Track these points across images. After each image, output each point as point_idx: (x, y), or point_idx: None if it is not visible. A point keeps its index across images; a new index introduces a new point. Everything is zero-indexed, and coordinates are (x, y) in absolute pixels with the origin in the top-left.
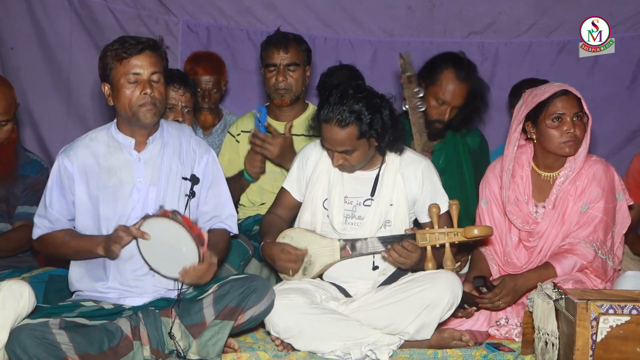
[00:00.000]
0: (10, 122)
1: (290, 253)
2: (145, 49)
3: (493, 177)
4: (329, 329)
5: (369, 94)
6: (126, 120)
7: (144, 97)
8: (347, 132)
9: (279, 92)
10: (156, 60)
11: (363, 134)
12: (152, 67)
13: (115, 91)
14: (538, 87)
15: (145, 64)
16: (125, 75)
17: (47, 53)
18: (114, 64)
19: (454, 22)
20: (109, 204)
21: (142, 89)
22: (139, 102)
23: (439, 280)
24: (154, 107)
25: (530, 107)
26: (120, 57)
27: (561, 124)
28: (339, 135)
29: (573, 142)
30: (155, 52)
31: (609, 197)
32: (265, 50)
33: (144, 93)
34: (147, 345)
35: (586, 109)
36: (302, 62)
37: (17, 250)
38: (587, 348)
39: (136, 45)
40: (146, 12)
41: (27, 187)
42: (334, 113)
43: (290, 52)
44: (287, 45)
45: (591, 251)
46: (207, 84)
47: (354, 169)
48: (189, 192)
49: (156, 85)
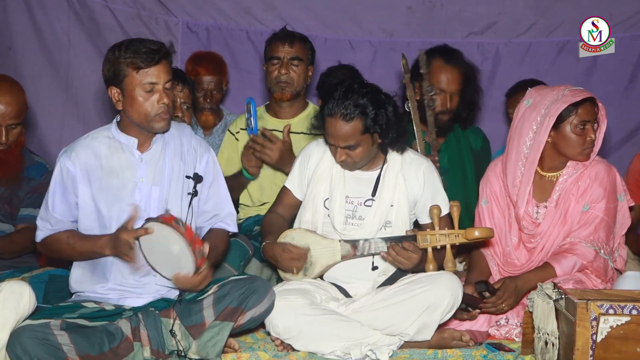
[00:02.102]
0: (20, 126)
1: (292, 251)
2: (161, 59)
3: (494, 176)
4: (329, 329)
5: (374, 89)
6: (136, 125)
7: (160, 106)
8: (352, 126)
9: (280, 84)
10: (169, 69)
11: (367, 128)
12: (167, 76)
13: (128, 98)
14: (556, 89)
15: (162, 74)
16: (141, 85)
17: (46, 53)
18: (129, 71)
19: (454, 22)
20: (112, 204)
21: (159, 99)
22: (155, 111)
23: (439, 281)
24: (168, 115)
25: (559, 112)
26: (137, 67)
27: (584, 131)
28: (343, 129)
29: (591, 149)
30: (169, 61)
31: (610, 198)
32: (270, 44)
33: (162, 103)
34: (147, 346)
35: (603, 114)
36: (305, 59)
37: (20, 253)
38: (587, 348)
39: (153, 55)
40: (146, 12)
41: (31, 189)
42: (339, 107)
43: (295, 47)
44: (293, 40)
45: (592, 251)
46: (209, 84)
47: (356, 166)
48: (191, 191)
49: (169, 92)
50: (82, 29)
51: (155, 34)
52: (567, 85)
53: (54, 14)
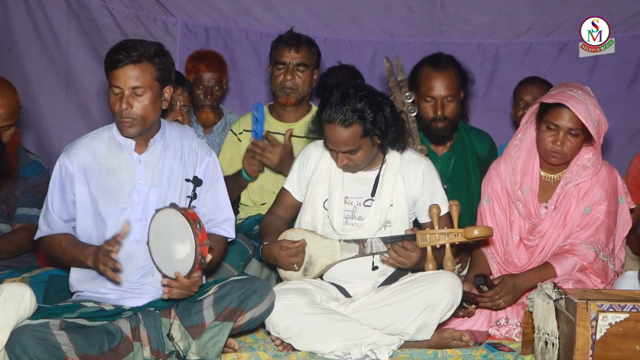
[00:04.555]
0: (13, 126)
1: (289, 248)
2: (130, 64)
3: (496, 175)
4: (328, 329)
5: (370, 92)
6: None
7: (120, 110)
8: (351, 132)
9: (285, 90)
10: (140, 74)
11: (367, 132)
12: (134, 81)
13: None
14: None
15: (128, 79)
16: (111, 87)
17: (46, 53)
18: (106, 72)
19: (454, 22)
20: (109, 204)
21: (120, 103)
22: (118, 115)
23: (439, 280)
24: (130, 121)
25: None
26: (108, 66)
27: (554, 134)
28: (343, 135)
29: (558, 155)
30: (142, 65)
31: (611, 200)
32: (276, 48)
33: (119, 107)
34: (147, 345)
35: (592, 130)
36: (311, 64)
37: (17, 252)
38: (587, 348)
39: (122, 59)
40: (144, 13)
41: (28, 188)
42: (337, 113)
43: (301, 53)
44: (299, 45)
45: (592, 252)
46: (209, 81)
47: (357, 169)
48: (190, 194)
49: (139, 99)
50: (81, 30)
51: (153, 35)
52: (566, 84)
53: (53, 15)
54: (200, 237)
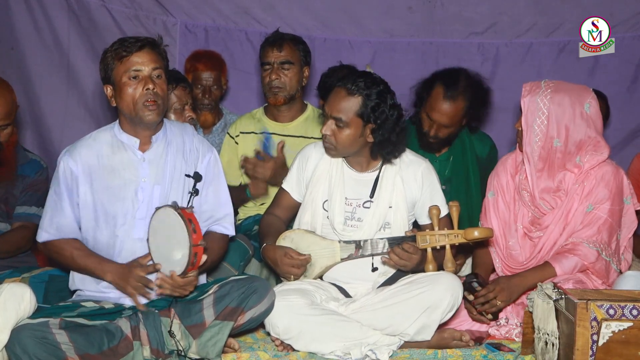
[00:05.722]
0: (10, 126)
1: (293, 258)
2: (144, 46)
3: (503, 170)
4: (328, 329)
5: (390, 90)
6: (129, 121)
7: (146, 93)
8: (350, 102)
9: (273, 90)
10: (156, 57)
11: (363, 114)
12: (152, 64)
13: (117, 91)
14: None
15: (146, 60)
16: (127, 73)
17: (47, 53)
18: (115, 63)
19: (454, 22)
20: (114, 203)
21: (144, 85)
22: (141, 99)
23: (439, 282)
24: (155, 104)
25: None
26: (120, 56)
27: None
28: (342, 100)
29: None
30: (155, 50)
31: (615, 200)
32: (262, 49)
33: (146, 89)
34: (147, 345)
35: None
36: (297, 62)
37: (16, 252)
38: (587, 348)
39: (135, 43)
40: (144, 13)
41: (26, 187)
42: (350, 81)
43: (284, 51)
44: (282, 44)
45: (594, 252)
46: (208, 80)
47: (337, 152)
48: (191, 190)
49: (158, 81)
50: (81, 30)
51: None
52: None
53: (53, 15)
54: (195, 237)
